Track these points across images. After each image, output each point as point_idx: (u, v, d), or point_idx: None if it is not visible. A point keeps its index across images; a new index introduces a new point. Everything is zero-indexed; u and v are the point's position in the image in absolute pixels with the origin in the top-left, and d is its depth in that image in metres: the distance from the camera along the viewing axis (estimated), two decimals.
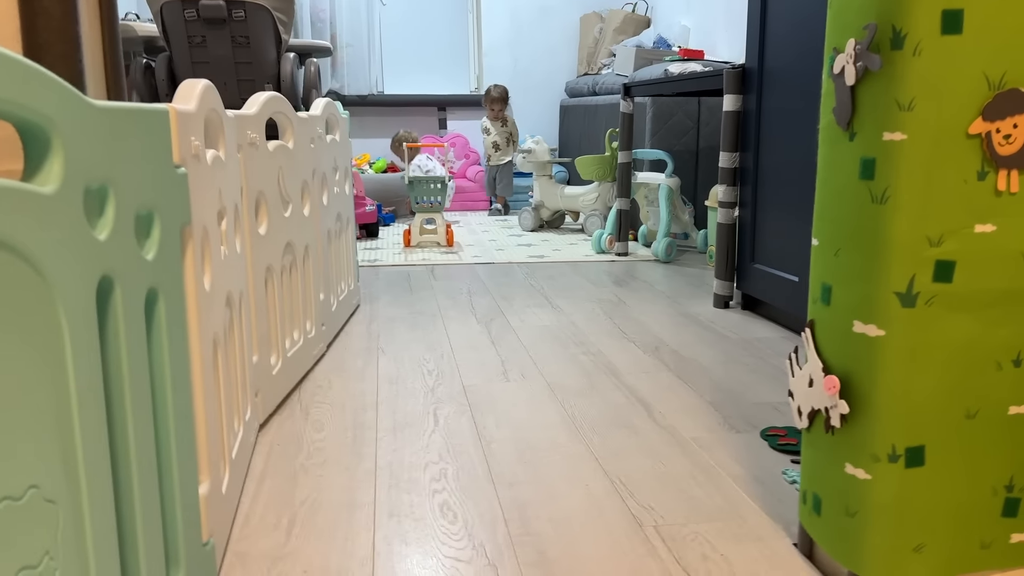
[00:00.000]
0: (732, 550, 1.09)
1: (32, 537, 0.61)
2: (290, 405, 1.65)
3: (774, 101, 2.24)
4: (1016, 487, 0.92)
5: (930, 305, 0.87)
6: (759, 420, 1.56)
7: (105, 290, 0.73)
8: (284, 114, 1.72)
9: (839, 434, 0.94)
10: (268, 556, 1.07)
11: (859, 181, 0.89)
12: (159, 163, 0.84)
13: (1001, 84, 0.83)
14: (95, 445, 0.70)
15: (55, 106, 0.64)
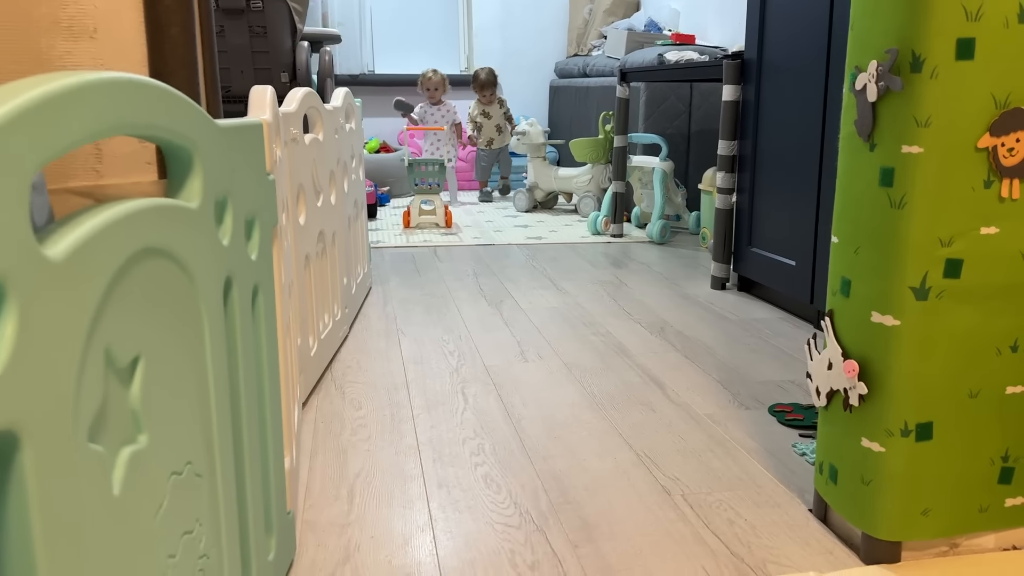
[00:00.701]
0: (754, 515, 1.21)
1: (189, 506, 0.71)
2: (325, 385, 1.74)
3: (772, 91, 2.35)
4: (1011, 457, 1.05)
5: (940, 298, 0.98)
6: (765, 397, 1.68)
7: (227, 289, 0.82)
8: (315, 108, 1.80)
9: (856, 412, 1.06)
10: (335, 524, 1.17)
11: (879, 188, 1.00)
12: (257, 172, 0.93)
13: (1006, 103, 0.94)
14: (225, 424, 0.80)
15: (196, 130, 0.73)
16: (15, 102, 0.44)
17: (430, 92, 4.55)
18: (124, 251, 0.58)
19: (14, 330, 0.44)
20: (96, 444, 0.54)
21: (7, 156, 0.43)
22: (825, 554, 1.11)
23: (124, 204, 0.59)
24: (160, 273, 0.65)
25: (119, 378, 0.59)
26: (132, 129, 0.61)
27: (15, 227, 0.44)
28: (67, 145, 0.50)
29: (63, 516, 0.49)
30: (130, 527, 0.59)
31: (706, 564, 1.08)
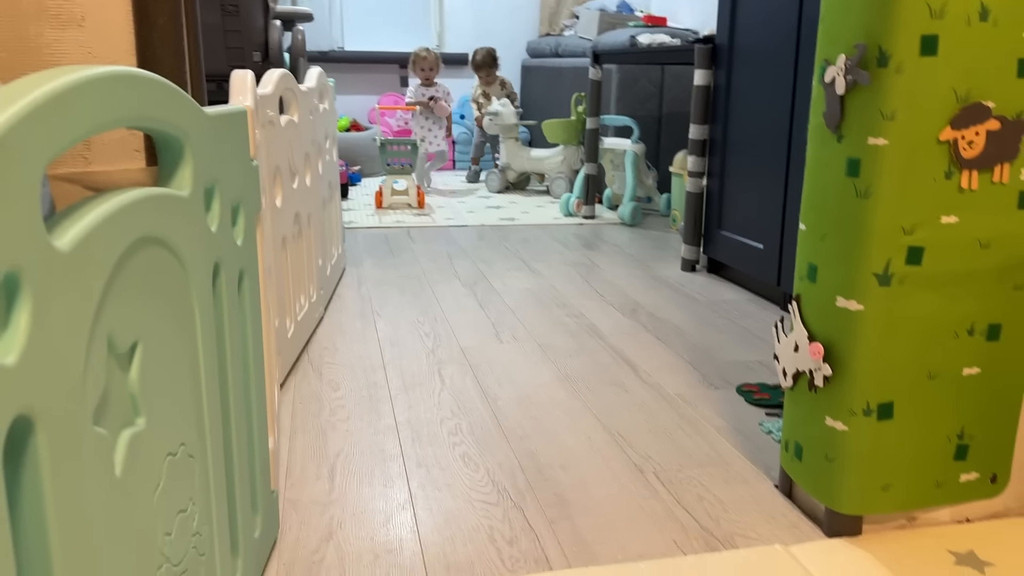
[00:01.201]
0: (722, 491, 1.25)
1: (184, 486, 0.73)
2: (302, 366, 1.76)
3: (743, 77, 2.39)
4: (966, 435, 1.10)
5: (902, 284, 1.02)
6: (733, 377, 1.73)
7: (216, 274, 0.84)
8: (291, 90, 1.80)
9: (821, 392, 1.10)
10: (317, 503, 1.20)
11: (845, 178, 1.04)
12: (242, 159, 0.95)
13: (967, 98, 0.98)
14: (215, 406, 0.82)
15: (187, 120, 0.74)
16: (27, 100, 0.46)
17: (424, 73, 4.29)
18: (124, 240, 0.59)
19: (28, 320, 0.46)
20: (100, 427, 0.56)
21: (22, 152, 0.45)
22: (790, 528, 1.16)
23: (123, 194, 0.61)
24: (155, 261, 0.67)
25: (119, 363, 0.61)
26: (130, 121, 0.63)
27: (28, 220, 0.46)
28: (74, 139, 0.51)
29: (72, 497, 0.51)
30: (131, 507, 0.62)
31: (677, 538, 1.12)
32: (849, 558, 1.07)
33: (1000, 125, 0.99)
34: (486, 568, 1.05)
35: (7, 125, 0.43)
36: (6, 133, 0.43)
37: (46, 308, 0.48)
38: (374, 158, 4.70)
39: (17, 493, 0.47)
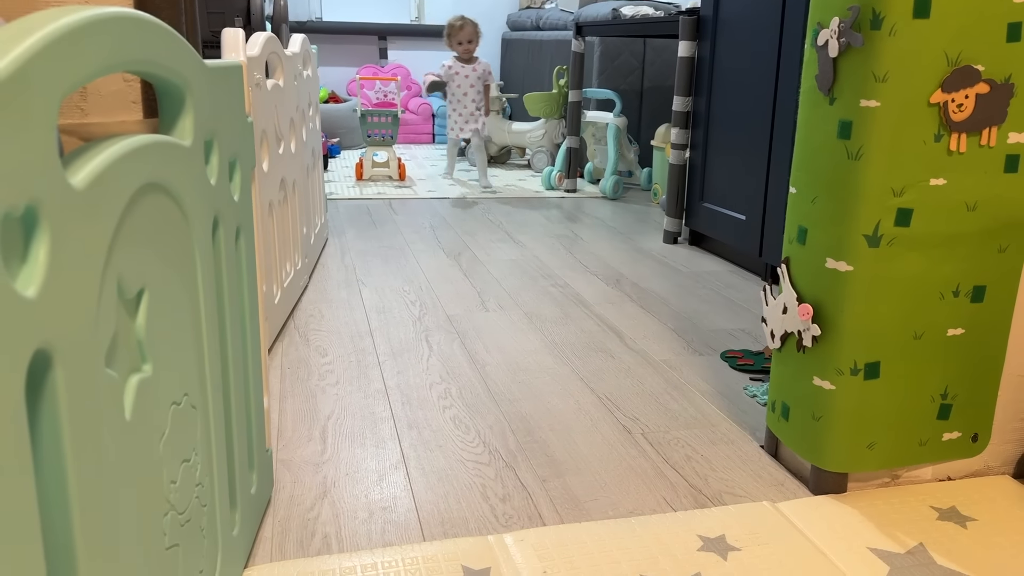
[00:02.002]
0: (709, 451, 1.27)
1: (187, 436, 0.73)
2: (289, 333, 1.76)
3: (727, 48, 2.40)
4: (949, 395, 1.13)
5: (891, 246, 1.04)
6: (717, 344, 1.75)
7: (215, 228, 0.83)
8: (276, 53, 1.79)
9: (809, 353, 1.12)
10: (310, 463, 1.20)
11: (837, 140, 1.05)
12: (238, 114, 0.94)
13: (957, 61, 1.00)
14: (215, 359, 0.82)
15: (188, 68, 0.74)
16: (43, 33, 0.46)
17: (463, 47, 3.54)
18: (133, 183, 0.59)
19: (46, 255, 0.46)
20: (111, 370, 0.57)
21: (41, 84, 0.44)
22: (777, 486, 1.18)
23: (131, 138, 0.60)
24: (160, 208, 0.67)
25: (127, 308, 0.61)
26: (136, 65, 0.62)
27: (45, 155, 0.46)
28: (85, 77, 0.51)
29: (87, 438, 0.52)
30: (139, 452, 0.62)
31: (667, 495, 1.14)
32: (835, 514, 1.09)
33: (989, 88, 1.01)
34: (480, 523, 1.06)
35: (27, 55, 0.43)
36: (27, 63, 0.43)
37: (62, 244, 0.48)
38: (353, 130, 4.67)
39: (37, 430, 0.47)
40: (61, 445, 0.48)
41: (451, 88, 3.55)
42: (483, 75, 3.57)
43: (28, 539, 0.45)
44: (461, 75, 3.53)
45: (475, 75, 3.55)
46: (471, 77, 3.55)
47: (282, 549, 1.00)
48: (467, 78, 3.54)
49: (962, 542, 1.03)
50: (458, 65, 3.55)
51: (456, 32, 3.54)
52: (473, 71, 3.54)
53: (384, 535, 1.03)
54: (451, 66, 3.55)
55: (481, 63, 3.57)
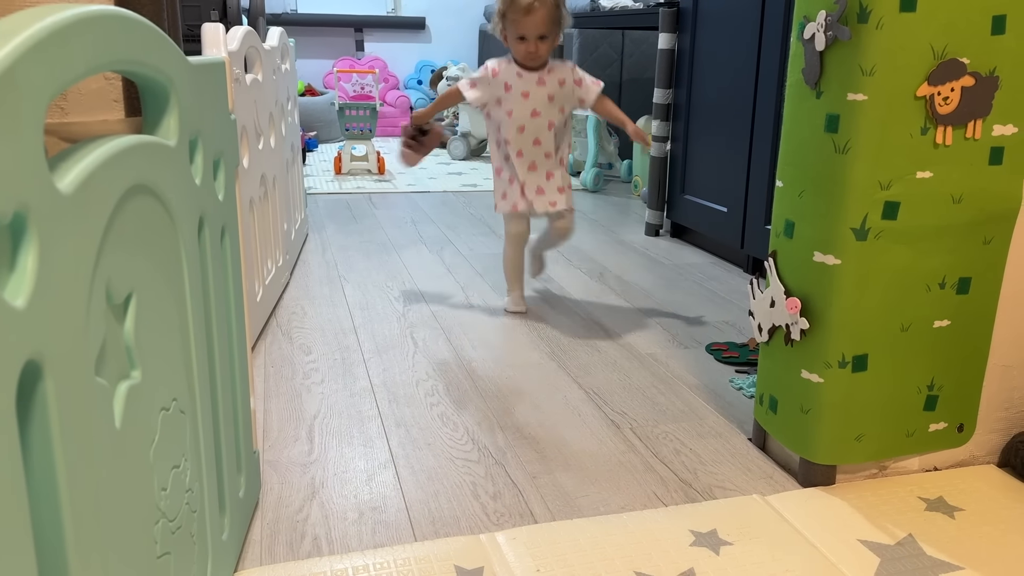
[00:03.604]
0: (698, 445, 1.28)
1: (177, 441, 0.72)
2: (271, 331, 1.74)
3: (707, 40, 2.40)
4: (936, 386, 1.13)
5: (878, 239, 1.05)
6: (702, 337, 1.76)
7: (200, 228, 0.82)
8: (255, 48, 1.76)
9: (797, 346, 1.13)
10: (298, 463, 1.19)
11: (824, 134, 1.05)
12: (221, 112, 0.92)
13: (943, 54, 1.00)
14: (203, 363, 0.80)
15: (172, 67, 0.72)
16: (27, 33, 0.44)
17: (527, 45, 1.71)
18: (121, 186, 0.58)
19: (35, 262, 0.45)
20: (101, 378, 0.55)
21: (27, 85, 0.43)
22: (766, 479, 1.18)
23: (116, 139, 0.59)
24: (147, 211, 0.65)
25: (115, 314, 0.59)
26: (120, 64, 0.61)
27: (33, 159, 0.44)
28: (72, 78, 0.49)
29: (78, 447, 0.50)
30: (130, 460, 0.60)
31: (657, 490, 1.14)
32: (825, 506, 1.10)
33: (975, 81, 1.01)
34: (472, 522, 1.05)
35: (13, 57, 0.42)
36: (13, 64, 0.41)
37: (51, 251, 0.46)
38: (331, 123, 4.63)
39: (27, 442, 0.46)
40: (52, 456, 0.47)
41: (500, 116, 1.77)
42: (568, 92, 1.77)
43: (20, 550, 0.43)
44: (518, 93, 1.74)
45: (553, 92, 1.75)
46: (541, 97, 1.75)
47: (271, 552, 0.98)
48: (533, 99, 1.74)
49: (951, 532, 1.04)
50: (513, 74, 1.74)
51: (520, 16, 1.68)
52: (546, 85, 1.74)
53: (375, 536, 1.02)
54: (498, 72, 1.75)
55: (563, 68, 1.77)
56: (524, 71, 1.74)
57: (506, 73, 1.74)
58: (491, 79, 1.74)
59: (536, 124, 1.76)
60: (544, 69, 1.74)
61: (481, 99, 1.76)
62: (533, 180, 1.78)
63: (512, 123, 1.75)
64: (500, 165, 1.81)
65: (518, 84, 1.73)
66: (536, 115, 1.75)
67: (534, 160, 1.78)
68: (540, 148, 1.77)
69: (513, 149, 1.77)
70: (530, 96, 1.74)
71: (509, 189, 1.79)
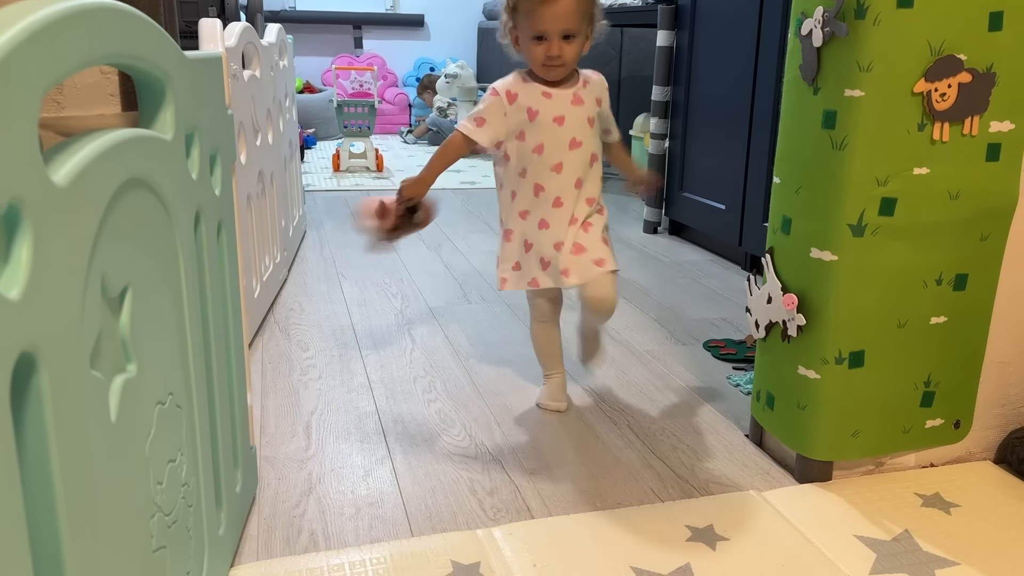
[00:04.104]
0: (695, 441, 1.28)
1: (173, 436, 0.72)
2: (269, 327, 1.74)
3: (706, 37, 2.39)
4: (932, 382, 1.14)
5: (875, 235, 1.05)
6: (700, 334, 1.76)
7: (196, 223, 0.82)
8: (253, 44, 1.76)
9: (794, 342, 1.13)
10: (295, 459, 1.19)
11: (821, 130, 1.05)
12: (218, 107, 0.92)
13: (940, 51, 1.00)
14: (199, 357, 0.80)
15: (169, 61, 0.72)
16: (21, 25, 0.44)
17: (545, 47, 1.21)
18: (116, 179, 0.58)
19: (29, 255, 0.45)
20: (96, 371, 0.55)
21: (21, 78, 0.43)
22: (762, 475, 1.18)
23: (112, 133, 0.59)
24: (143, 204, 0.65)
25: (110, 307, 0.59)
26: (116, 58, 0.60)
27: (27, 151, 0.44)
28: (66, 71, 0.49)
29: (73, 441, 0.50)
30: (126, 453, 0.60)
31: (654, 486, 1.14)
32: (821, 502, 1.10)
33: (971, 78, 1.01)
34: (469, 518, 1.05)
35: (6, 49, 0.42)
36: (7, 57, 0.41)
37: (45, 243, 0.46)
38: (329, 120, 4.62)
39: (22, 435, 0.46)
40: (47, 449, 0.47)
41: (524, 155, 1.29)
42: (605, 115, 1.35)
43: (15, 542, 0.43)
44: (548, 119, 1.26)
45: (592, 113, 1.31)
46: (580, 120, 1.28)
47: (268, 547, 0.99)
48: (570, 125, 1.27)
49: (947, 528, 1.04)
50: (537, 95, 1.26)
51: (537, 5, 1.20)
52: (584, 104, 1.29)
53: (372, 531, 1.02)
54: (516, 94, 1.26)
55: (598, 82, 1.35)
56: (551, 88, 1.24)
57: (527, 94, 1.23)
58: (507, 106, 1.23)
59: (577, 159, 1.25)
60: (577, 82, 1.27)
61: (496, 136, 1.25)
62: (570, 235, 1.26)
63: (545, 161, 1.24)
64: (513, 226, 1.31)
65: (547, 107, 1.23)
66: (576, 146, 1.25)
67: (574, 209, 1.27)
68: (582, 191, 1.28)
69: (548, 197, 1.26)
70: (566, 121, 1.23)
71: (525, 258, 1.28)
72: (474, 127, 1.26)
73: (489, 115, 1.25)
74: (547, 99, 1.24)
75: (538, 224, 1.28)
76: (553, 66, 1.22)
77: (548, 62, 1.21)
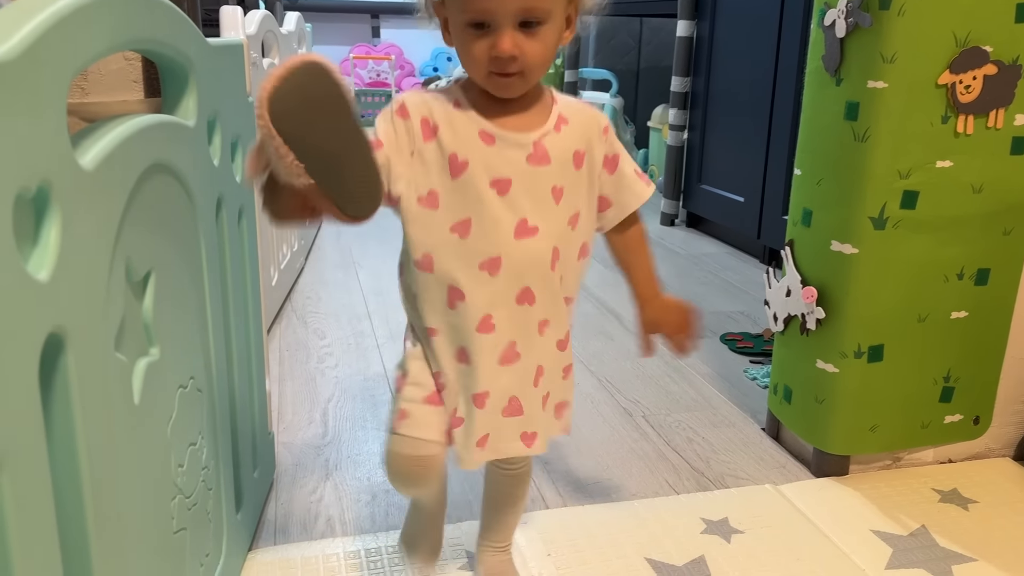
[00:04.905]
0: (711, 434, 1.27)
1: (194, 419, 0.73)
2: (286, 315, 1.75)
3: (726, 28, 2.38)
4: (952, 378, 1.13)
5: (896, 228, 1.04)
6: (717, 327, 1.75)
7: (218, 209, 0.82)
8: (272, 32, 1.76)
9: (813, 336, 1.12)
10: (312, 445, 1.20)
11: (843, 121, 1.04)
12: (239, 94, 0.92)
13: (966, 42, 0.99)
14: (220, 342, 0.81)
15: (192, 47, 0.73)
16: (51, 10, 0.44)
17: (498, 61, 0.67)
18: (141, 164, 0.58)
19: (57, 237, 0.45)
20: (120, 354, 0.56)
21: (50, 63, 0.43)
22: (778, 468, 1.18)
23: (137, 118, 0.59)
24: (165, 189, 0.66)
25: (134, 292, 0.60)
26: (140, 44, 0.61)
27: (56, 135, 0.45)
28: (94, 56, 0.50)
29: (98, 422, 0.51)
30: (148, 436, 0.61)
31: (668, 478, 1.14)
32: (838, 496, 1.10)
33: (997, 70, 1.00)
34: None
35: (36, 33, 0.42)
36: (36, 41, 0.42)
37: (73, 226, 0.47)
38: None
39: (49, 414, 0.46)
40: (73, 429, 0.48)
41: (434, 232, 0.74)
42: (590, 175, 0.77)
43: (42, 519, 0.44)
44: (481, 178, 0.71)
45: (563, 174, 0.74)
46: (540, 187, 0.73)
47: (285, 532, 0.99)
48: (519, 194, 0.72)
49: (964, 524, 1.04)
50: (468, 128, 0.71)
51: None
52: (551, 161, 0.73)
53: (388, 518, 1.03)
54: (429, 117, 0.71)
55: (583, 114, 0.76)
56: (496, 121, 0.71)
57: (453, 127, 0.71)
58: (414, 138, 0.71)
59: (529, 256, 0.73)
60: (547, 115, 0.73)
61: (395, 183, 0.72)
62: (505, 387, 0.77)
63: (469, 251, 0.73)
64: (426, 332, 0.79)
65: (483, 158, 0.71)
66: (528, 233, 0.73)
67: (514, 340, 0.76)
68: (532, 312, 0.76)
69: (471, 313, 0.74)
70: (513, 189, 0.72)
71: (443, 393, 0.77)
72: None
73: (384, 138, 0.70)
74: (486, 144, 0.70)
75: (455, 354, 0.76)
76: (504, 74, 0.68)
77: (495, 67, 0.67)
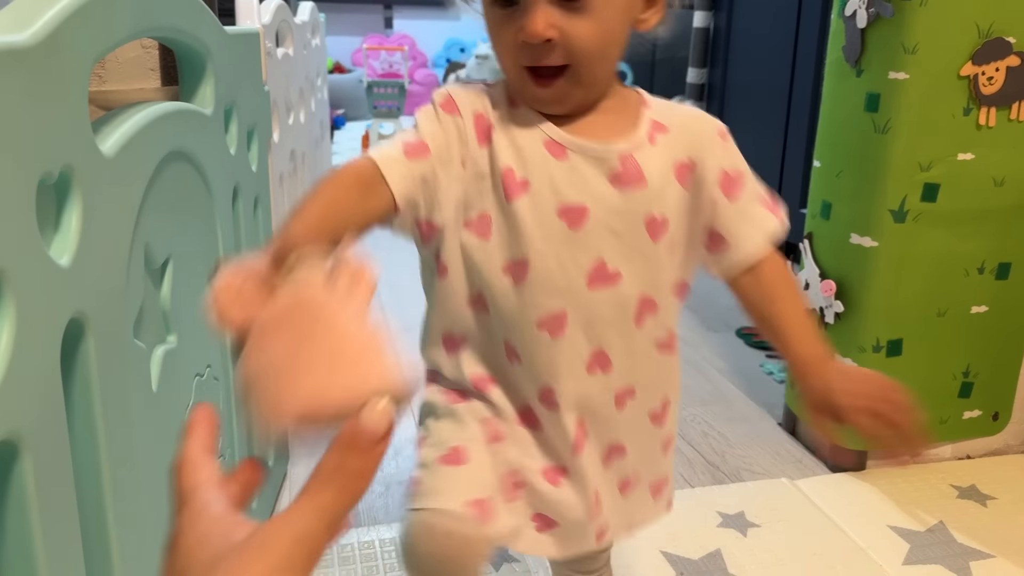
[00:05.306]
0: (727, 428, 1.27)
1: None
2: None
3: (743, 18, 2.36)
4: (971, 373, 1.12)
5: (917, 221, 1.03)
6: (733, 321, 1.74)
7: (234, 198, 0.82)
8: (286, 21, 1.76)
9: (831, 329, 1.11)
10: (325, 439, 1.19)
11: (863, 113, 1.03)
12: (255, 83, 0.92)
13: (989, 33, 0.97)
14: None
15: (209, 35, 0.72)
16: None
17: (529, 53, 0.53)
18: (160, 151, 0.58)
19: (79, 222, 0.45)
20: (139, 340, 0.56)
21: (71, 49, 0.43)
22: (795, 463, 1.17)
23: (155, 106, 0.59)
24: (184, 177, 0.65)
25: (152, 279, 0.60)
26: (159, 31, 0.61)
27: (77, 121, 0.44)
28: (114, 42, 0.49)
29: (117, 407, 0.51)
30: (166, 422, 0.61)
31: (684, 472, 1.14)
32: (854, 491, 1.09)
33: (1020, 61, 0.99)
34: None
35: (58, 20, 0.42)
36: (58, 27, 0.41)
37: (93, 212, 0.46)
38: (358, 101, 4.63)
39: (70, 398, 0.46)
40: (92, 413, 0.48)
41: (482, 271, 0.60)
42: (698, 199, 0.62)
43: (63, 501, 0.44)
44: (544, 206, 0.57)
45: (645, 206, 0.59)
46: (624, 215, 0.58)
47: None
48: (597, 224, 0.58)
49: (982, 520, 1.03)
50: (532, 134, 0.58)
51: None
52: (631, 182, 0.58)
53: (402, 509, 1.03)
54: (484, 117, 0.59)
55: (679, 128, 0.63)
56: (563, 126, 0.58)
57: (505, 127, 0.59)
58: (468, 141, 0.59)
59: (605, 309, 0.60)
60: (637, 122, 0.61)
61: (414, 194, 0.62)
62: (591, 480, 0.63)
63: (523, 307, 0.60)
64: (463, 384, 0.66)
65: (547, 174, 0.58)
66: (607, 281, 0.60)
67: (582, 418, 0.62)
68: (608, 381, 0.62)
69: (532, 375, 0.61)
70: (590, 218, 0.58)
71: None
72: (399, 153, 0.58)
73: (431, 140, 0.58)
74: (554, 158, 0.57)
75: (518, 415, 0.62)
76: (541, 71, 0.55)
77: (526, 58, 0.54)
